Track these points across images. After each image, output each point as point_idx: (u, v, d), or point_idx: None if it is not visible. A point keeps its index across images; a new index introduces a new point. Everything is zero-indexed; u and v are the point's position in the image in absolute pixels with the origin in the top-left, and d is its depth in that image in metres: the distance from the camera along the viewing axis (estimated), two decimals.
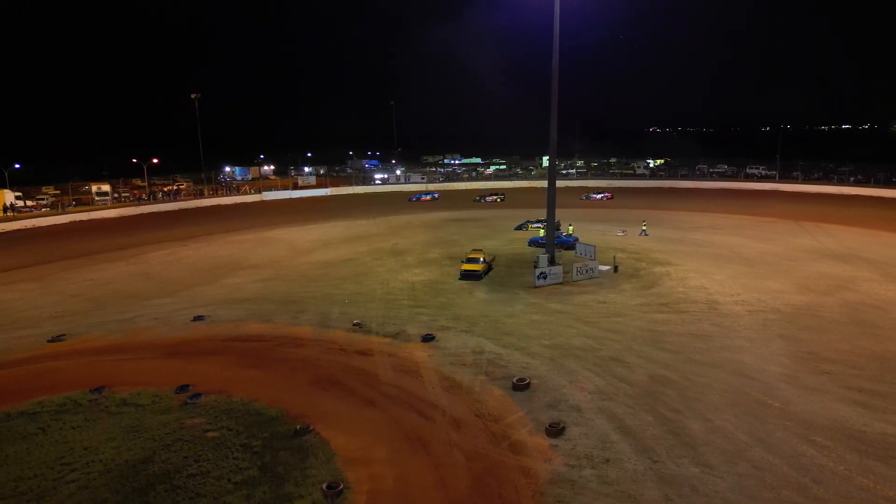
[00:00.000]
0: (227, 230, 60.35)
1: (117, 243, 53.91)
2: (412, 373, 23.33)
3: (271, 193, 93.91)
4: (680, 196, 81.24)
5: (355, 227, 60.59)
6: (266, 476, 16.29)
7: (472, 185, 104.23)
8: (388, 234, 55.70)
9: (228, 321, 30.15)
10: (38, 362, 25.13)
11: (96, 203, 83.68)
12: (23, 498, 15.34)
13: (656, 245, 46.69)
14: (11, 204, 75.72)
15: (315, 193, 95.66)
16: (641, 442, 17.96)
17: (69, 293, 36.87)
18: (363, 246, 50.05)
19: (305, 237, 55.42)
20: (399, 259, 44.40)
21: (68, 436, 18.53)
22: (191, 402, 20.69)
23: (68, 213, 75.46)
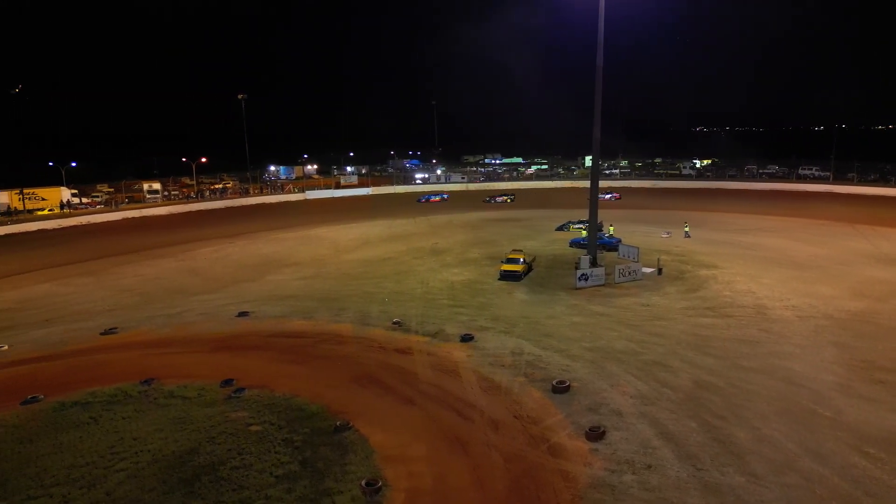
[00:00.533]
0: (272, 228, 61.56)
1: (166, 240, 55.60)
2: (450, 372, 23.35)
3: (314, 192, 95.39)
4: (727, 197, 79.11)
5: (396, 227, 61.02)
6: (307, 471, 16.55)
7: (514, 184, 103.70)
8: (428, 234, 55.90)
9: (272, 317, 30.74)
10: (92, 354, 26.11)
11: (147, 201, 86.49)
12: (75, 484, 15.95)
13: (702, 247, 45.60)
14: (68, 201, 78.85)
15: (357, 193, 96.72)
16: (685, 449, 17.55)
17: (121, 288, 38.20)
18: (403, 245, 50.36)
19: (347, 236, 56.10)
20: (439, 258, 44.51)
21: (119, 426, 19.19)
22: (235, 396, 21.17)
23: (121, 210, 78.19)
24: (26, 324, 30.76)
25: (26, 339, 28.09)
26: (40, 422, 19.53)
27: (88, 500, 15.24)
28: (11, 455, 17.48)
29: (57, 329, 29.68)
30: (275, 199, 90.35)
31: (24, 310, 33.52)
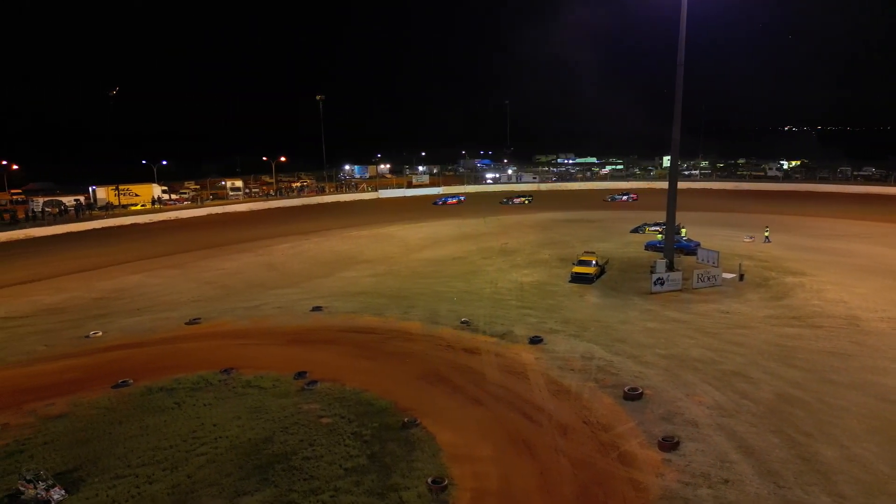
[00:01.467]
0: (345, 226, 63.05)
1: (247, 235, 58.01)
2: (518, 374, 23.14)
3: (387, 191, 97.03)
4: (818, 201, 74.58)
5: (466, 226, 61.13)
6: (374, 465, 16.81)
7: (588, 185, 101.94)
8: (497, 234, 55.68)
9: (344, 313, 31.45)
10: (177, 343, 27.55)
11: (230, 198, 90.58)
12: (159, 466, 16.86)
13: (789, 253, 43.18)
14: (158, 197, 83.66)
15: (428, 192, 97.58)
16: (765, 464, 16.65)
17: (204, 280, 40.13)
18: (473, 245, 50.39)
19: (417, 234, 56.70)
20: (508, 259, 44.25)
21: (200, 412, 20.14)
22: (307, 388, 21.79)
23: (206, 206, 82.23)
24: (119, 312, 32.82)
25: (118, 327, 29.96)
26: (129, 405, 20.78)
27: (171, 481, 16.07)
28: (103, 435, 18.68)
29: (146, 318, 31.50)
30: (349, 198, 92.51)
31: (117, 299, 35.79)
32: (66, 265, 45.69)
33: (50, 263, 46.59)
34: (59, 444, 18.11)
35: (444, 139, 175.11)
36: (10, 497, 15.23)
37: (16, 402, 21.07)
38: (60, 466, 16.75)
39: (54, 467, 16.55)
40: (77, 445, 18.04)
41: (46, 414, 20.14)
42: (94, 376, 23.31)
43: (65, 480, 15.86)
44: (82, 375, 23.55)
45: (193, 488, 15.73)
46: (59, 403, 20.85)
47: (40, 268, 45.05)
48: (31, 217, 69.88)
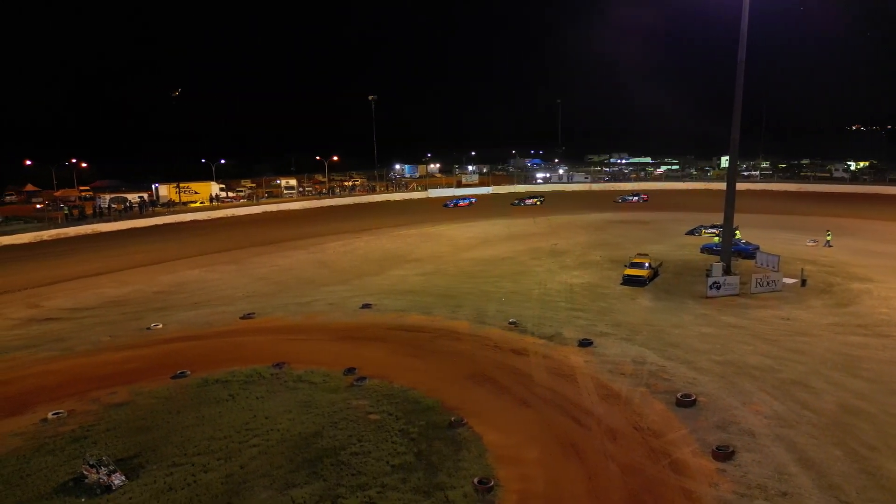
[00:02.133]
0: (395, 225, 63.63)
1: (300, 233, 59.26)
2: (567, 377, 22.83)
3: (436, 190, 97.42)
4: (887, 204, 70.82)
5: (515, 226, 60.77)
6: (421, 463, 16.89)
7: (641, 185, 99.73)
8: (547, 234, 55.12)
9: (393, 311, 31.72)
10: (232, 336, 28.36)
11: (284, 196, 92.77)
12: (214, 455, 17.39)
13: (855, 258, 41.16)
14: (216, 195, 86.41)
15: (477, 191, 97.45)
16: (826, 478, 15.90)
17: (259, 276, 41.20)
18: (522, 245, 50.04)
19: (466, 234, 56.70)
20: (558, 260, 43.74)
21: (253, 404, 20.68)
22: (356, 385, 22.07)
23: (261, 204, 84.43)
24: (178, 305, 34.03)
25: (177, 320, 31.07)
26: (186, 395, 21.52)
27: (225, 470, 16.55)
28: (162, 424, 19.40)
29: (203, 311, 32.56)
30: (399, 197, 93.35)
31: (177, 293, 37.13)
32: (130, 259, 47.70)
33: (115, 258, 48.73)
34: (121, 432, 18.91)
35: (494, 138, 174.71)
36: (74, 480, 16.00)
37: (81, 389, 22.11)
38: (121, 453, 17.47)
39: (115, 453, 17.28)
40: (137, 433, 18.79)
41: (109, 402, 21.07)
42: (154, 367, 24.24)
43: (125, 466, 16.53)
44: (143, 366, 24.53)
45: (246, 479, 16.16)
46: (122, 392, 21.78)
47: (106, 261, 47.17)
48: (97, 213, 73.28)
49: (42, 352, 26.56)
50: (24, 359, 25.77)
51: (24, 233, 59.28)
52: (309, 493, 15.44)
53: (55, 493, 15.61)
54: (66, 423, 19.53)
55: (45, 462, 17.15)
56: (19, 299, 36.16)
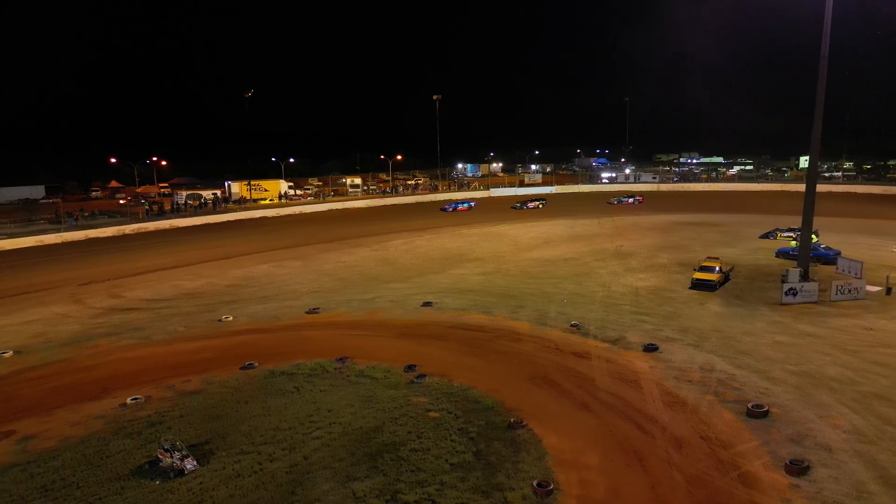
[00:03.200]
0: (457, 224, 63.82)
1: (364, 231, 60.33)
2: (631, 382, 22.27)
3: (498, 190, 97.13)
4: None
5: (579, 226, 59.84)
6: (480, 463, 16.85)
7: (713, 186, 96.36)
8: (612, 236, 53.98)
9: (453, 309, 31.82)
10: (298, 330, 29.16)
11: (349, 194, 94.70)
12: (279, 445, 17.93)
13: None
14: (285, 192, 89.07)
15: (540, 191, 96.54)
16: None
17: (324, 272, 42.19)
18: (585, 246, 49.20)
19: (528, 234, 56.24)
20: (623, 262, 42.75)
21: (317, 397, 21.19)
22: (416, 382, 22.26)
23: (327, 202, 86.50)
24: (248, 299, 35.28)
25: (247, 313, 32.20)
26: (254, 386, 22.27)
27: (289, 461, 17.04)
28: (231, 413, 20.16)
29: (271, 305, 33.62)
30: (461, 196, 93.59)
31: (246, 286, 38.51)
32: (204, 254, 49.82)
33: (190, 252, 51.02)
34: (193, 418, 19.76)
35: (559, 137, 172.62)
36: (150, 463, 16.84)
37: (158, 377, 23.25)
38: (193, 438, 18.26)
39: (188, 439, 18.07)
40: (208, 420, 19.60)
41: (183, 389, 22.06)
42: (224, 357, 25.22)
43: (196, 452, 17.26)
44: (214, 356, 25.56)
45: (309, 469, 16.58)
46: (194, 381, 22.76)
47: (182, 255, 49.47)
48: (175, 209, 76.95)
49: (123, 340, 28.10)
50: (107, 346, 27.33)
51: (108, 227, 62.91)
52: (369, 487, 15.69)
53: (132, 475, 16.47)
54: (143, 408, 20.59)
55: (123, 444, 18.13)
56: (103, 289, 38.39)
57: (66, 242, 57.11)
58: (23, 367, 24.86)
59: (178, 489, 15.74)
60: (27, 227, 62.58)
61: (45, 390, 22.39)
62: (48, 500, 15.37)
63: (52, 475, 16.52)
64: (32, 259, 48.94)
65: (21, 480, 16.30)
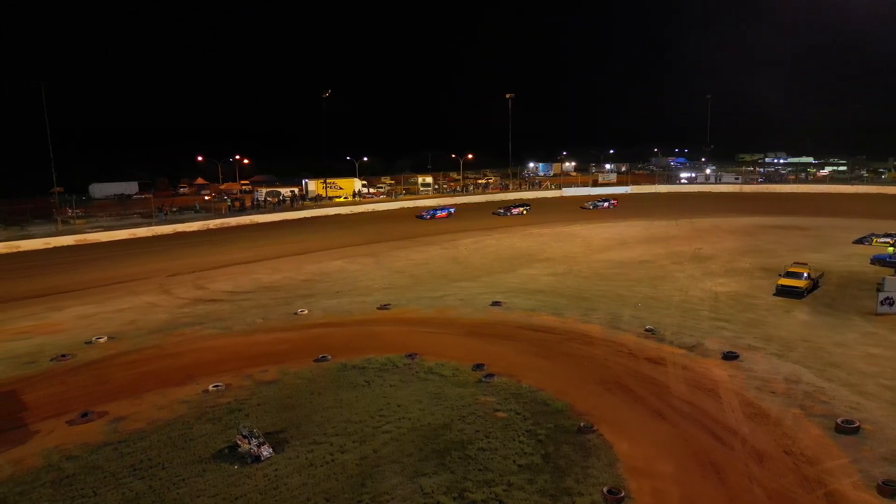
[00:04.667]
0: (527, 223, 63.27)
1: (434, 229, 60.79)
2: (708, 391, 21.39)
3: (570, 189, 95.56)
4: None
5: (654, 228, 58.03)
6: (548, 466, 16.64)
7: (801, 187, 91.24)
8: (690, 238, 52.03)
9: (522, 310, 31.56)
10: (369, 325, 29.73)
11: (421, 193, 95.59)
12: (350, 437, 18.34)
13: None
14: (359, 191, 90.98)
15: (614, 191, 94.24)
16: None
17: (395, 269, 42.83)
18: (661, 248, 47.67)
19: (601, 234, 55.06)
20: (701, 265, 41.13)
21: (387, 392, 21.54)
22: (485, 381, 22.23)
23: (398, 200, 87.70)
24: (322, 293, 36.29)
25: (321, 307, 33.13)
26: (327, 378, 22.88)
27: (359, 453, 17.40)
28: (305, 403, 20.79)
29: (344, 300, 34.45)
30: (532, 195, 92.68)
31: (321, 281, 39.62)
32: (282, 249, 51.62)
33: (268, 247, 52.99)
34: (270, 407, 20.51)
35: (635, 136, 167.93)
36: (229, 448, 17.61)
37: (237, 366, 24.29)
38: (269, 426, 18.95)
39: (264, 427, 18.76)
40: (284, 410, 20.29)
41: (260, 379, 22.94)
42: (299, 349, 26.04)
43: (272, 440, 17.90)
44: (290, 348, 26.44)
45: (378, 462, 16.87)
46: (271, 371, 23.63)
47: (261, 250, 51.45)
48: (255, 205, 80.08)
49: (206, 329, 29.52)
50: (191, 335, 28.80)
51: (193, 221, 66.25)
52: (437, 484, 15.79)
53: (213, 458, 17.28)
54: (223, 395, 21.55)
55: (204, 429, 19.04)
56: (189, 281, 40.48)
57: (156, 235, 60.56)
58: (116, 351, 26.57)
59: (255, 474, 16.39)
60: (121, 220, 66.80)
61: (135, 374, 23.84)
62: (136, 479, 16.35)
63: (140, 455, 17.58)
64: (126, 251, 52.20)
65: (112, 459, 17.43)
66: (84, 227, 61.94)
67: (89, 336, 28.42)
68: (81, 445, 18.15)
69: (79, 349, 26.76)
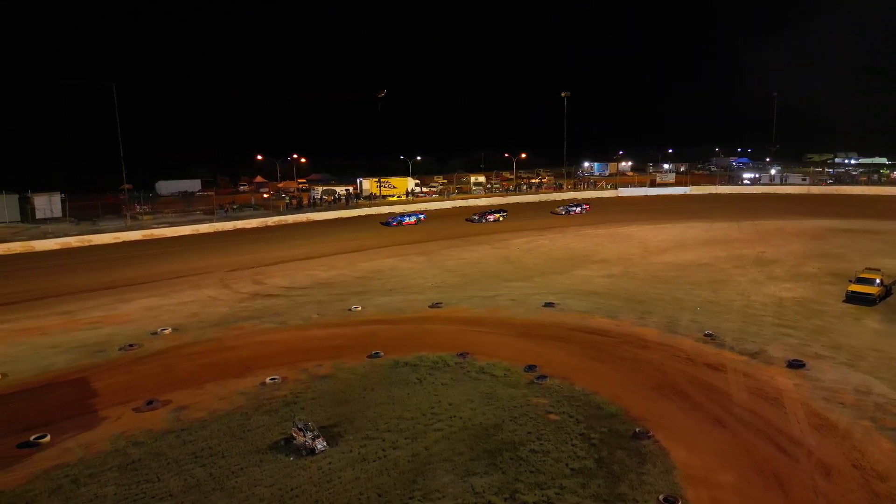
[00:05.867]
0: (581, 223, 62.36)
1: (485, 229, 60.65)
2: (772, 400, 20.57)
3: (627, 189, 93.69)
4: None
5: (715, 230, 56.23)
6: (602, 470, 16.34)
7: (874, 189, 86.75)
8: (753, 241, 50.17)
9: (575, 311, 31.12)
10: (421, 323, 29.91)
11: (473, 192, 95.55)
12: (402, 434, 18.49)
13: None
14: (412, 190, 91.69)
15: (673, 191, 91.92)
16: None
17: (446, 268, 42.94)
18: (722, 251, 46.14)
19: (658, 236, 53.73)
20: (765, 269, 39.59)
21: (438, 390, 21.61)
22: (537, 382, 22.01)
23: (451, 199, 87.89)
24: (375, 290, 36.73)
25: (374, 304, 33.53)
26: (379, 375, 23.13)
27: (411, 450, 17.52)
28: (358, 399, 21.09)
29: (396, 298, 34.77)
30: (587, 195, 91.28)
31: (374, 279, 40.12)
32: (337, 246, 52.55)
33: (324, 244, 54.02)
34: (324, 401, 20.89)
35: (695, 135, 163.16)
36: (285, 440, 18.03)
37: (293, 360, 24.84)
38: (323, 420, 19.30)
39: (319, 420, 19.12)
40: (337, 404, 20.63)
41: (315, 373, 23.40)
42: (353, 345, 26.44)
43: (326, 433, 18.23)
44: (344, 343, 26.88)
45: (430, 460, 16.95)
46: (326, 365, 24.07)
47: (317, 247, 52.49)
48: (311, 203, 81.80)
49: (264, 323, 30.33)
50: (249, 328, 29.64)
51: (252, 218, 68.21)
52: (488, 484, 15.74)
53: (269, 450, 17.72)
54: (280, 388, 22.08)
55: (262, 420, 19.55)
56: (247, 276, 41.68)
57: (217, 232, 62.60)
58: (179, 343, 27.62)
59: (310, 467, 16.72)
60: (185, 216, 69.37)
61: (197, 365, 24.72)
62: (198, 466, 16.94)
63: (201, 443, 18.19)
64: (189, 246, 54.20)
65: (175, 446, 18.11)
66: (151, 222, 64.65)
67: (155, 327, 29.65)
68: (146, 432, 18.94)
69: (145, 339, 27.96)
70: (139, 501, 15.39)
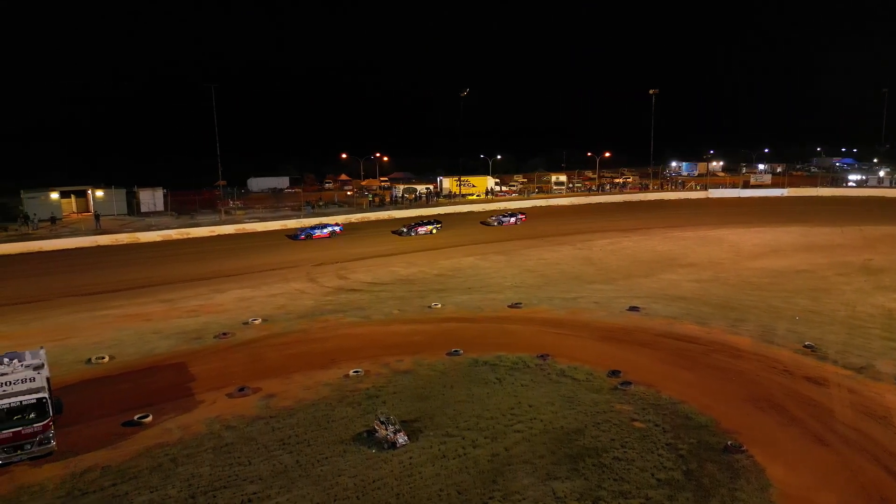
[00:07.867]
0: (668, 225, 60.13)
1: (567, 228, 59.58)
2: (881, 419, 19.06)
3: (718, 191, 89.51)
4: None
5: (815, 235, 52.73)
6: (690, 483, 15.66)
7: None
8: (859, 247, 46.69)
9: (662, 316, 30.03)
10: (500, 323, 29.76)
11: (553, 192, 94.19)
12: (482, 433, 18.45)
13: None
14: (491, 189, 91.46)
15: (768, 193, 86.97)
16: None
17: (526, 268, 42.53)
18: (823, 257, 43.20)
19: (752, 240, 51.01)
20: (873, 278, 36.74)
21: (518, 391, 21.41)
22: (621, 388, 21.39)
23: (531, 199, 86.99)
24: (454, 289, 36.90)
25: (453, 302, 33.68)
26: (459, 372, 23.20)
27: (491, 449, 17.46)
28: (437, 395, 21.24)
29: (475, 296, 34.77)
30: (674, 196, 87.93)
31: (454, 277, 40.30)
32: (417, 244, 53.17)
33: (407, 241, 54.82)
34: (405, 396, 21.19)
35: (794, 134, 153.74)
36: (367, 433, 18.41)
37: (375, 354, 25.35)
38: (404, 415, 19.56)
39: (400, 415, 19.39)
40: (418, 400, 20.87)
41: (396, 368, 23.77)
42: (433, 342, 26.66)
43: (407, 428, 18.45)
44: (424, 339, 27.16)
45: (510, 461, 16.82)
46: (406, 361, 24.40)
47: (399, 244, 53.38)
48: (393, 201, 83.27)
49: (347, 317, 31.13)
50: (334, 322, 30.50)
51: (337, 215, 70.09)
52: (570, 489, 15.43)
53: (352, 441, 18.16)
54: (362, 381, 22.58)
55: (345, 412, 20.06)
56: (332, 271, 42.94)
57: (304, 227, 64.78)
58: (269, 333, 28.81)
59: (391, 460, 16.99)
60: (274, 212, 72.30)
61: (284, 356, 25.69)
62: (285, 453, 17.59)
63: (288, 431, 18.89)
64: (278, 241, 56.47)
65: (265, 432, 18.89)
66: (243, 217, 67.86)
67: (246, 317, 31.08)
68: (238, 417, 19.87)
69: (237, 329, 29.35)
70: (231, 483, 16.16)
